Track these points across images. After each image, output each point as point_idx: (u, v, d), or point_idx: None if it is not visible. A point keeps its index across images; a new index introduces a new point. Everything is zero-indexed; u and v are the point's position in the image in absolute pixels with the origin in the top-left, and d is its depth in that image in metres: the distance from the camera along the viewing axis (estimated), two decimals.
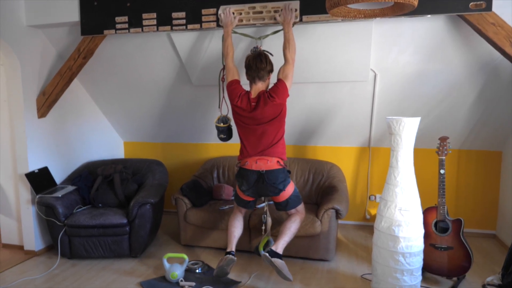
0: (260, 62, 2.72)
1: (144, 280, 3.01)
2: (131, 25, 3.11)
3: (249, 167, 2.77)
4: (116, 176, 3.67)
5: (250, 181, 2.79)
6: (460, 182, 3.85)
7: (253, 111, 2.73)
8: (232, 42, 2.86)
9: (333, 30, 2.94)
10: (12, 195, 3.62)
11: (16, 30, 3.27)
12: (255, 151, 2.77)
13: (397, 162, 2.60)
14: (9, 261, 3.39)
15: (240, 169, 2.85)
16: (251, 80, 2.79)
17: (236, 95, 2.77)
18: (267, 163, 2.74)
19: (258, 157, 2.75)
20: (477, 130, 3.59)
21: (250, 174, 2.78)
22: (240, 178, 2.85)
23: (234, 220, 3.03)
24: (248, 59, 2.77)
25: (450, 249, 2.80)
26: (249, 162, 2.77)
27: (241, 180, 2.84)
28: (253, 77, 2.76)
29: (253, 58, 2.74)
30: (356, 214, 4.17)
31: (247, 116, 2.76)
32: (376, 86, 3.41)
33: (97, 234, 3.28)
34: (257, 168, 2.75)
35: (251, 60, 2.74)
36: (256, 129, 2.76)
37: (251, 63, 2.73)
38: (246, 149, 2.80)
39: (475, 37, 2.81)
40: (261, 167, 2.74)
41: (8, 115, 3.53)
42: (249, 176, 2.78)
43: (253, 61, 2.73)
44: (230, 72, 2.85)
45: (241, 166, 2.83)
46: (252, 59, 2.74)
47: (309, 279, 3.01)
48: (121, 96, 4.09)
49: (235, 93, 2.78)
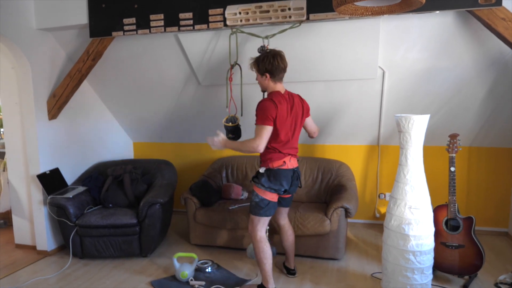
0: (285, 61, 2.65)
1: (154, 280, 3.03)
2: (139, 26, 3.13)
3: (288, 166, 2.68)
4: (126, 176, 3.70)
5: (289, 180, 2.70)
6: (471, 179, 3.81)
7: (292, 109, 2.67)
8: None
9: (340, 28, 2.93)
10: (25, 196, 3.68)
11: (27, 33, 3.31)
12: (288, 150, 2.69)
13: (406, 160, 2.58)
14: (22, 261, 3.45)
15: (274, 170, 2.65)
16: (277, 80, 2.66)
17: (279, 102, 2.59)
18: (296, 161, 2.75)
19: (291, 156, 2.71)
20: (488, 127, 3.54)
21: (289, 173, 2.69)
22: (279, 180, 2.65)
23: (268, 245, 2.72)
24: (274, 59, 2.60)
25: (461, 248, 2.77)
26: (286, 162, 2.67)
27: (280, 182, 2.65)
28: (280, 78, 2.67)
29: (279, 58, 2.61)
30: (366, 212, 4.15)
31: (288, 115, 2.65)
32: (385, 83, 3.39)
33: (108, 234, 3.32)
34: (291, 166, 2.70)
35: (278, 60, 2.60)
36: (292, 127, 2.69)
37: (279, 63, 2.60)
38: (280, 150, 2.65)
39: (484, 32, 2.77)
40: (293, 165, 2.72)
41: (20, 117, 3.59)
42: (288, 175, 2.69)
43: (279, 61, 2.61)
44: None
45: (279, 167, 2.65)
46: (278, 59, 2.61)
47: (319, 278, 3.00)
48: (130, 97, 4.13)
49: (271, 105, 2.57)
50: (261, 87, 2.75)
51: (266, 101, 2.58)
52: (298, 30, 2.96)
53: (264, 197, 2.66)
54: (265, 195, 2.65)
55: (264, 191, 2.65)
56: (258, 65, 2.66)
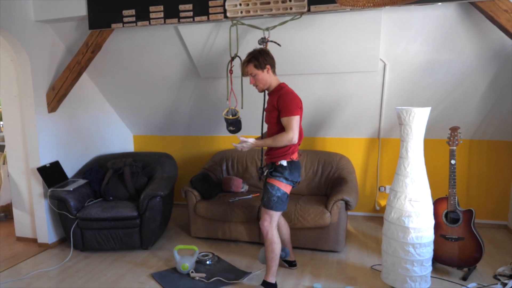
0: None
1: (155, 272, 3.04)
2: (139, 18, 3.10)
3: (298, 158, 2.72)
4: (126, 169, 3.70)
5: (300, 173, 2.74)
6: (471, 172, 3.81)
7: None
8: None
9: (341, 20, 2.91)
10: (25, 189, 3.68)
11: (25, 25, 3.29)
12: (300, 142, 2.70)
13: (407, 152, 2.58)
14: (24, 254, 3.46)
15: (295, 162, 2.65)
16: (275, 71, 2.69)
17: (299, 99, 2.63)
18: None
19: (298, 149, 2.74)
20: (489, 120, 3.54)
21: (300, 165, 2.77)
22: (297, 171, 2.67)
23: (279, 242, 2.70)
24: (269, 52, 2.65)
25: (461, 240, 2.78)
26: (300, 155, 2.76)
27: (298, 173, 2.68)
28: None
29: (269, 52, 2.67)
30: (366, 205, 4.16)
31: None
32: (386, 76, 3.38)
33: (109, 226, 3.33)
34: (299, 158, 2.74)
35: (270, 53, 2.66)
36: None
37: (272, 56, 2.66)
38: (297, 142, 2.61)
39: (487, 24, 2.75)
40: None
41: (19, 110, 3.57)
42: (301, 167, 2.77)
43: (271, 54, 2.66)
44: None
45: (296, 159, 2.66)
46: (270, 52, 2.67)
47: (319, 270, 3.02)
48: (130, 90, 4.11)
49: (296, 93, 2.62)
50: (262, 84, 2.64)
51: (291, 92, 2.58)
52: (299, 22, 2.93)
53: (285, 191, 2.61)
54: (286, 189, 2.62)
55: (286, 184, 2.61)
56: (258, 60, 2.56)
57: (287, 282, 2.86)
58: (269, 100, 2.68)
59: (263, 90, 2.69)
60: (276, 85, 2.65)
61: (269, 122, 2.67)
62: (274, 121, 2.60)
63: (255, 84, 2.65)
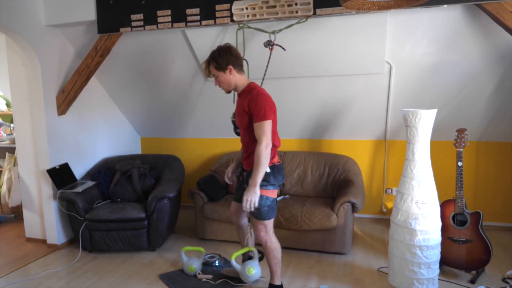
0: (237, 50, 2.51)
1: (162, 273, 3.07)
2: (147, 22, 3.15)
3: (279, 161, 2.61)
4: (134, 171, 3.74)
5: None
6: (478, 174, 3.79)
7: None
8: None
9: (347, 22, 2.92)
10: (35, 191, 3.74)
11: (36, 30, 3.35)
12: (278, 145, 2.59)
13: (413, 155, 2.58)
14: (33, 255, 3.51)
15: (278, 165, 2.54)
16: (241, 71, 2.49)
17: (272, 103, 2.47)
18: None
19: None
20: (497, 122, 3.52)
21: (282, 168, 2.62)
22: (281, 174, 2.55)
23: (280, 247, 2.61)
24: (233, 49, 2.45)
25: (469, 242, 2.77)
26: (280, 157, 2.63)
27: (282, 176, 2.56)
28: (242, 67, 2.51)
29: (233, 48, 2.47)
30: (372, 207, 4.15)
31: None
32: (392, 78, 3.38)
33: (117, 228, 3.36)
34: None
35: (237, 50, 2.48)
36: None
37: (238, 53, 2.48)
38: (276, 144, 2.53)
39: (493, 26, 2.75)
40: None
41: (30, 113, 3.63)
42: (283, 169, 2.62)
43: (237, 51, 2.48)
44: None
45: (277, 162, 2.55)
46: (235, 50, 2.47)
47: (325, 272, 3.02)
48: (137, 93, 4.16)
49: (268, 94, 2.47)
50: (226, 86, 2.47)
51: (263, 94, 2.38)
52: (305, 25, 2.96)
53: (273, 197, 2.52)
54: (274, 195, 2.52)
55: (273, 190, 2.50)
56: (216, 62, 2.40)
57: (294, 284, 2.86)
58: (238, 102, 2.51)
59: (228, 91, 2.52)
60: (244, 85, 2.46)
61: (241, 126, 2.50)
62: (245, 125, 2.43)
63: (220, 86, 2.50)
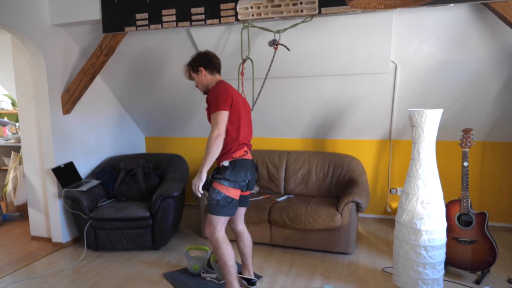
0: (215, 55, 2.66)
1: (167, 272, 3.07)
2: (151, 21, 3.15)
3: (249, 157, 2.59)
4: (139, 170, 3.75)
5: (251, 172, 2.56)
6: (484, 174, 3.77)
7: (240, 97, 2.63)
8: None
9: (352, 21, 2.91)
10: (40, 189, 3.75)
11: (41, 29, 3.36)
12: (245, 140, 2.59)
13: (418, 154, 2.57)
14: (38, 253, 3.52)
15: (241, 161, 2.52)
16: (215, 72, 2.62)
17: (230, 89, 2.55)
18: (249, 152, 2.65)
19: (247, 146, 2.61)
20: (503, 122, 3.49)
21: (250, 164, 2.57)
22: (243, 171, 2.51)
23: (229, 245, 2.54)
24: (207, 54, 2.62)
25: (474, 243, 2.76)
26: (247, 152, 2.58)
27: (244, 173, 2.51)
28: (218, 69, 2.65)
29: (210, 53, 2.64)
30: (377, 207, 4.14)
31: (241, 104, 2.58)
32: (397, 77, 3.36)
33: (121, 227, 3.37)
34: (250, 157, 2.62)
35: (211, 54, 2.63)
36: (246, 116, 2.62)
37: (212, 57, 2.62)
38: (240, 139, 2.53)
39: (500, 25, 2.73)
40: (250, 155, 2.63)
41: (35, 112, 3.65)
42: (250, 166, 2.56)
43: (212, 55, 2.63)
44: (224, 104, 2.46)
45: (241, 157, 2.52)
46: (211, 54, 2.63)
47: (330, 272, 3.01)
48: (142, 92, 4.16)
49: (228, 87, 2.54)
50: (201, 86, 2.65)
51: (220, 87, 2.49)
52: (310, 24, 2.95)
53: (227, 194, 2.47)
54: (228, 192, 2.47)
55: (228, 187, 2.46)
56: (192, 66, 2.62)
57: (298, 283, 2.86)
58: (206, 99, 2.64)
59: (204, 92, 2.67)
60: (213, 84, 2.59)
61: (209, 121, 2.57)
62: (209, 118, 2.53)
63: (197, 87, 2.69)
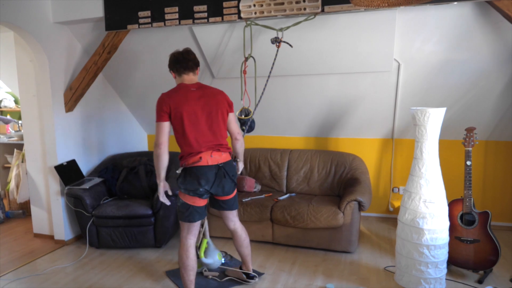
0: (188, 53, 2.55)
1: (169, 270, 3.08)
2: (154, 19, 3.15)
3: (205, 163, 2.45)
4: (141, 168, 3.75)
5: (210, 179, 2.45)
6: (487, 173, 3.76)
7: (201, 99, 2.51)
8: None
9: (355, 20, 2.90)
10: (43, 187, 3.76)
11: (44, 27, 3.36)
12: (206, 144, 2.48)
13: (421, 153, 2.56)
14: (41, 250, 3.54)
15: (193, 168, 2.45)
16: (182, 73, 2.56)
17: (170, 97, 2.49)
18: (221, 155, 2.52)
19: (211, 151, 2.48)
20: (506, 121, 3.48)
21: (208, 171, 2.44)
22: (195, 179, 2.44)
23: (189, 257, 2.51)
24: (173, 55, 2.57)
25: (477, 242, 2.75)
26: (203, 158, 2.45)
27: (197, 181, 2.43)
28: (184, 68, 2.54)
29: (178, 53, 2.56)
30: (379, 206, 4.13)
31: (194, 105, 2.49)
32: (400, 76, 3.35)
33: (123, 224, 3.38)
34: (213, 162, 2.47)
35: (177, 54, 2.55)
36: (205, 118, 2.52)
37: (178, 56, 2.54)
38: (193, 145, 2.48)
39: (504, 24, 2.71)
40: (218, 160, 2.49)
41: (37, 109, 3.66)
42: (207, 172, 2.44)
43: (179, 54, 2.55)
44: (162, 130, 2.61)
45: (192, 164, 2.45)
46: (178, 53, 2.55)
47: (332, 271, 3.01)
48: (144, 90, 4.16)
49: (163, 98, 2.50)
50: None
51: (161, 97, 2.50)
52: (313, 23, 2.94)
53: (184, 201, 2.47)
54: (185, 199, 2.47)
55: (184, 194, 2.46)
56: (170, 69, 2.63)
57: (300, 282, 2.86)
58: None
59: None
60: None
61: None
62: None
63: None
